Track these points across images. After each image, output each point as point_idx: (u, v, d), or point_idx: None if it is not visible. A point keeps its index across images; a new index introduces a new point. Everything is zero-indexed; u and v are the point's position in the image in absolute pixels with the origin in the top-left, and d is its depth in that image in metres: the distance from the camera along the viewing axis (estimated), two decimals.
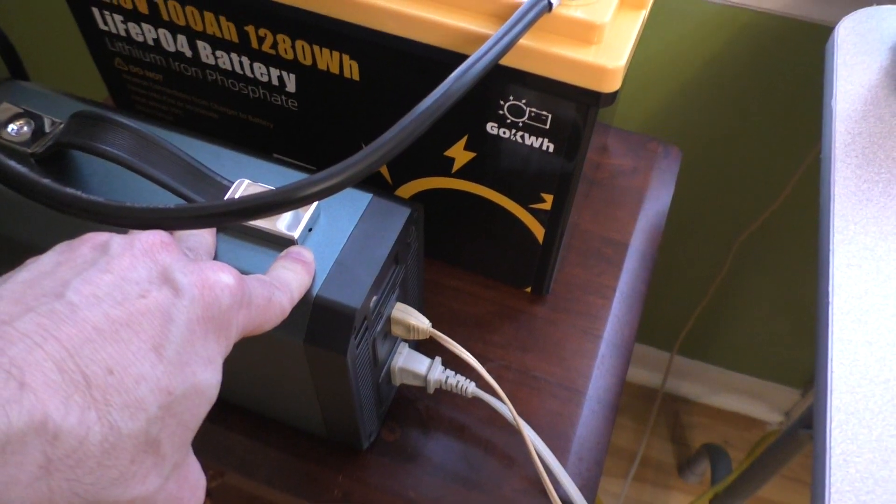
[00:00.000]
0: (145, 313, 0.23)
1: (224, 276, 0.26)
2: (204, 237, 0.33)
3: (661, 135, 0.70)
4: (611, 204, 0.61)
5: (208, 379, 0.25)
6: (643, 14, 0.38)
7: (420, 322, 0.41)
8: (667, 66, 0.77)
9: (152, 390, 0.22)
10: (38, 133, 0.39)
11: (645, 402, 1.26)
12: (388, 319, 0.41)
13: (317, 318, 0.35)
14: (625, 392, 1.28)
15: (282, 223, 0.36)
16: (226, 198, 0.36)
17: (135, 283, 0.24)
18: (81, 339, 0.21)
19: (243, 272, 0.35)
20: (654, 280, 1.07)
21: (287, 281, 0.31)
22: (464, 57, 0.37)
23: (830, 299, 0.39)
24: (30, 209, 0.37)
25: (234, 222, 0.34)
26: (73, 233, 0.38)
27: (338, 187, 0.29)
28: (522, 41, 0.35)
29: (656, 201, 0.62)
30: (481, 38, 0.36)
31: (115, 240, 0.26)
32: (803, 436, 0.62)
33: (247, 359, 0.41)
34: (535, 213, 0.47)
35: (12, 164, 0.29)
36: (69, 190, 0.29)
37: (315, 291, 0.35)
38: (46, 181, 0.29)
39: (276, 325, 0.30)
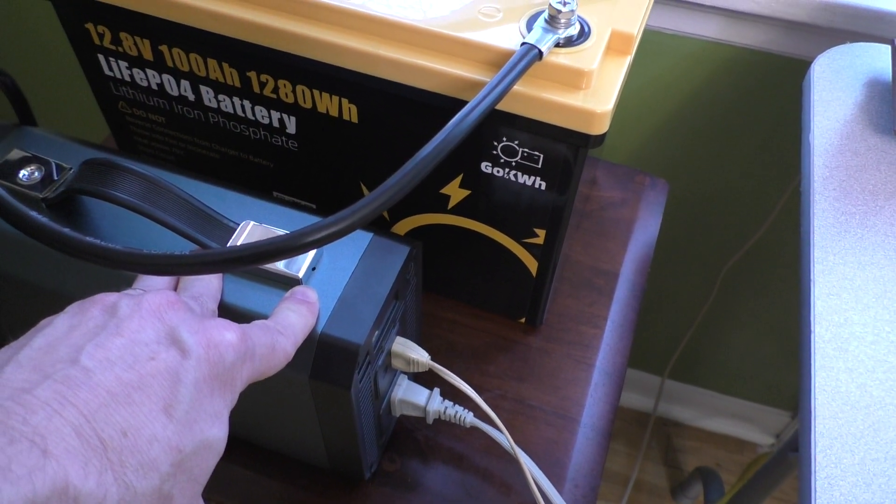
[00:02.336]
0: (155, 375, 0.24)
1: (228, 335, 0.27)
2: (210, 283, 0.34)
3: (648, 166, 0.72)
4: (601, 235, 0.63)
5: (216, 434, 0.26)
6: (628, 60, 0.40)
7: (420, 356, 0.43)
8: (652, 100, 0.80)
9: (164, 450, 0.24)
10: (47, 178, 0.41)
11: (638, 427, 1.28)
12: (389, 353, 0.43)
13: (322, 355, 0.36)
14: (618, 417, 1.29)
15: (286, 263, 0.38)
16: (231, 240, 0.37)
17: (144, 344, 0.25)
18: (97, 403, 0.23)
19: (248, 312, 0.37)
20: (645, 307, 1.08)
21: (291, 324, 0.33)
22: (459, 101, 0.39)
23: (812, 328, 0.40)
24: (43, 252, 0.38)
25: (243, 268, 0.35)
26: (84, 274, 0.39)
27: (341, 233, 0.31)
28: (515, 87, 0.37)
29: (644, 232, 0.64)
30: (476, 85, 0.38)
31: (124, 301, 0.27)
32: (793, 458, 0.64)
33: (251, 394, 0.42)
34: (529, 248, 0.48)
35: (33, 214, 0.30)
36: (88, 238, 0.30)
37: (320, 329, 0.36)
38: (66, 230, 0.30)
39: (280, 369, 0.31)
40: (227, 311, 0.37)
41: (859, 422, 0.37)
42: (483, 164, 0.44)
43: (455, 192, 0.47)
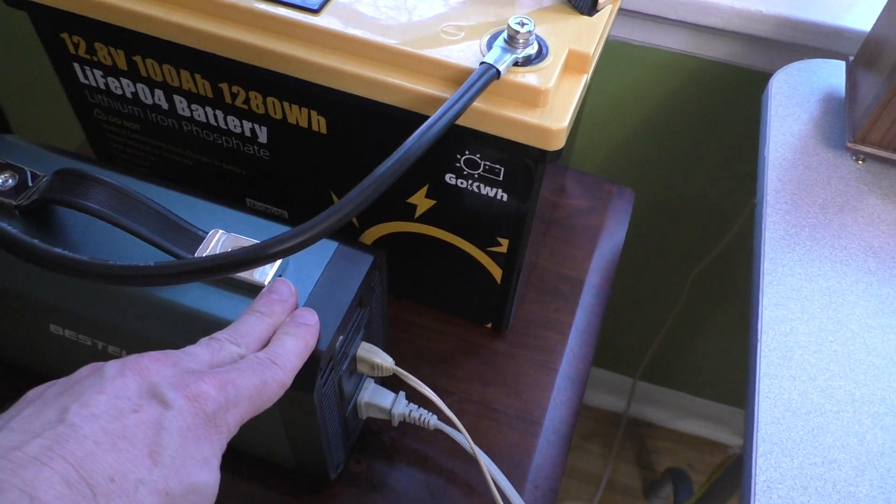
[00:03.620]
0: (139, 425, 0.26)
1: (205, 387, 0.28)
2: (253, 327, 0.34)
3: (617, 175, 0.74)
4: (567, 243, 0.64)
5: (205, 479, 0.27)
6: (585, 78, 0.42)
7: (384, 360, 0.44)
8: (620, 110, 0.82)
9: (151, 493, 0.25)
10: (21, 186, 0.42)
11: (611, 428, 1.30)
12: (354, 358, 0.44)
13: None
14: (591, 417, 1.31)
15: (253, 272, 0.39)
16: (200, 249, 0.39)
17: (126, 398, 0.27)
18: (83, 453, 0.24)
19: (214, 318, 0.38)
20: (617, 310, 1.10)
21: (287, 351, 0.33)
22: (422, 115, 0.41)
23: (759, 337, 0.42)
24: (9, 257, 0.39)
25: (210, 278, 0.36)
26: (59, 282, 0.40)
27: (305, 244, 0.32)
28: (475, 104, 0.39)
29: (611, 240, 0.66)
30: (437, 101, 0.40)
31: (110, 364, 0.28)
32: None
33: None
34: (493, 256, 0.50)
35: (3, 225, 0.32)
36: (57, 250, 0.31)
37: None
38: (36, 242, 0.32)
39: (276, 400, 0.32)
40: (192, 317, 0.39)
41: (799, 427, 0.39)
42: (447, 176, 0.46)
43: (421, 201, 0.48)
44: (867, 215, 0.49)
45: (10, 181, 0.42)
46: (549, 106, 0.40)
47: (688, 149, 0.83)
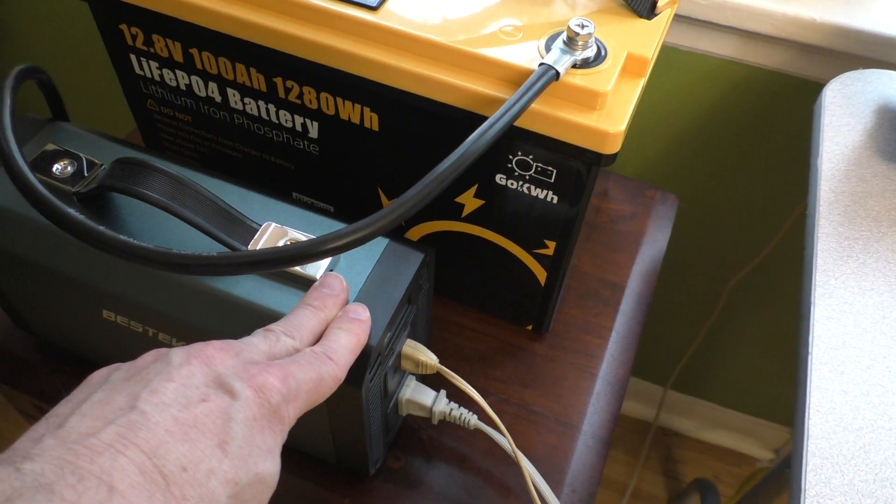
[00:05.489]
0: (208, 414, 0.26)
1: (271, 379, 0.29)
2: (306, 321, 0.34)
3: (659, 181, 0.73)
4: (609, 247, 0.64)
5: (269, 469, 0.28)
6: (642, 82, 0.42)
7: (429, 358, 0.44)
8: (666, 115, 0.81)
9: (221, 482, 0.25)
10: (78, 173, 0.43)
11: (638, 436, 1.29)
12: (399, 355, 0.44)
13: None
14: (619, 425, 1.30)
15: (305, 265, 0.39)
16: (253, 240, 0.39)
17: (195, 388, 0.27)
18: (156, 442, 0.24)
19: (265, 309, 0.39)
20: (651, 318, 1.09)
21: (341, 346, 0.34)
22: (477, 115, 0.41)
23: (810, 350, 0.42)
24: (73, 244, 0.40)
25: (266, 270, 0.37)
26: (110, 267, 0.41)
27: (360, 241, 0.32)
28: (532, 105, 0.39)
29: (653, 245, 0.65)
30: (494, 101, 0.40)
31: (175, 351, 0.29)
32: (788, 475, 0.65)
33: None
34: (538, 258, 0.50)
35: (71, 211, 0.32)
36: (122, 237, 0.32)
37: None
38: (102, 228, 0.32)
39: (331, 393, 0.33)
40: (244, 308, 0.39)
41: (851, 443, 0.38)
42: (498, 177, 0.46)
43: (469, 201, 0.49)
44: None
45: (69, 168, 0.43)
46: (607, 109, 0.39)
47: (732, 157, 0.82)
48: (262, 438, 0.28)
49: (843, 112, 0.57)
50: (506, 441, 0.46)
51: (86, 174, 0.42)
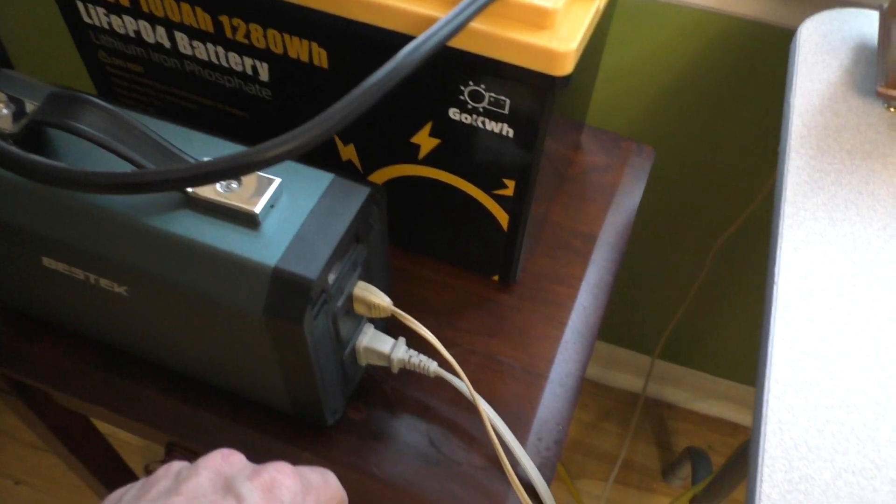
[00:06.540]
0: None
1: (280, 477, 0.29)
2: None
3: (639, 137, 0.71)
4: (582, 198, 0.62)
5: None
6: (596, 4, 0.40)
7: (381, 300, 0.43)
8: (644, 71, 0.79)
9: None
10: (18, 116, 0.41)
11: (629, 408, 1.27)
12: (351, 297, 0.43)
13: (275, 290, 0.37)
14: (609, 397, 1.29)
15: (244, 200, 0.38)
16: None
17: (203, 496, 0.27)
18: None
19: (208, 246, 0.37)
20: (635, 284, 1.08)
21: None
22: None
23: (776, 279, 0.40)
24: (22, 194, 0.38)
25: (198, 185, 0.35)
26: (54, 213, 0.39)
27: (285, 155, 0.31)
28: (476, 25, 0.37)
29: (627, 197, 0.63)
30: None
31: (184, 465, 0.29)
32: None
33: (215, 336, 0.42)
34: (499, 200, 0.48)
35: None
36: (35, 157, 0.30)
37: (273, 263, 0.36)
38: (14, 149, 0.30)
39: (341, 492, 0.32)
40: (183, 245, 0.37)
41: (816, 370, 0.36)
42: (451, 111, 0.44)
43: (425, 140, 0.47)
44: None
45: (6, 110, 0.41)
46: (557, 28, 0.38)
47: (713, 112, 0.80)
48: None
49: (819, 50, 0.55)
50: (463, 385, 0.45)
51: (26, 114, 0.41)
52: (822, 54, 0.55)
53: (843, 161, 0.47)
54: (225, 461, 0.29)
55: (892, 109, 0.50)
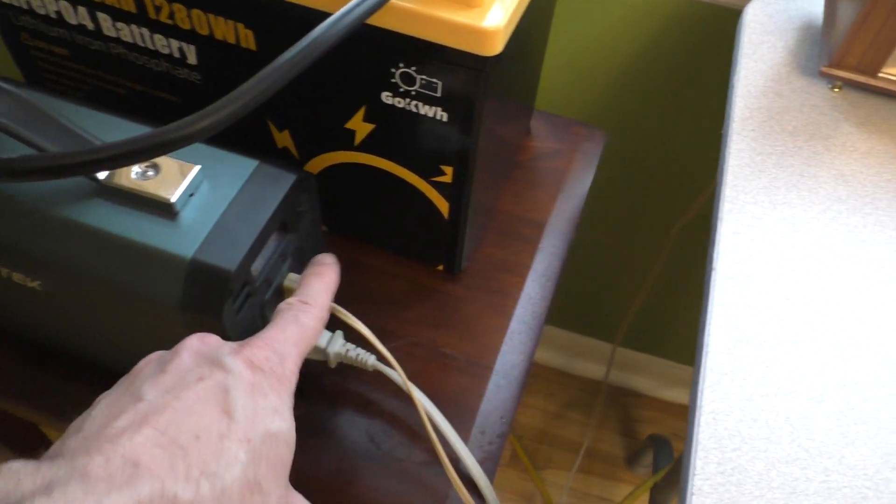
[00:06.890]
0: (207, 390, 0.28)
1: (255, 351, 0.31)
2: (315, 288, 0.38)
3: (596, 123, 0.70)
4: (531, 185, 0.61)
5: (279, 425, 0.30)
6: None
7: None
8: (595, 55, 0.78)
9: (235, 442, 0.27)
10: None
11: (593, 396, 1.27)
12: (281, 289, 0.41)
13: (192, 282, 0.35)
14: (573, 386, 1.29)
15: (160, 188, 0.36)
16: None
17: (189, 371, 0.29)
18: (166, 420, 0.26)
19: (121, 238, 0.35)
20: (595, 271, 1.07)
21: (313, 289, 0.37)
22: None
23: (714, 265, 0.39)
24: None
25: (104, 169, 0.33)
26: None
27: (201, 133, 0.29)
28: (400, 2, 0.35)
29: (577, 183, 0.62)
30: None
31: (163, 352, 0.31)
32: None
33: (137, 331, 0.40)
34: (438, 187, 0.47)
35: None
36: None
37: (190, 255, 0.35)
38: None
39: (321, 332, 0.37)
40: (97, 236, 0.36)
41: (752, 357, 0.36)
42: (384, 95, 0.42)
43: (359, 126, 0.45)
44: (840, 143, 0.46)
45: None
46: (486, 7, 0.36)
47: (667, 95, 0.79)
48: (265, 401, 0.30)
49: (764, 30, 0.54)
50: (397, 375, 0.43)
51: None
52: (767, 34, 0.54)
53: (786, 143, 0.46)
54: (202, 342, 0.31)
55: (835, 90, 0.50)
